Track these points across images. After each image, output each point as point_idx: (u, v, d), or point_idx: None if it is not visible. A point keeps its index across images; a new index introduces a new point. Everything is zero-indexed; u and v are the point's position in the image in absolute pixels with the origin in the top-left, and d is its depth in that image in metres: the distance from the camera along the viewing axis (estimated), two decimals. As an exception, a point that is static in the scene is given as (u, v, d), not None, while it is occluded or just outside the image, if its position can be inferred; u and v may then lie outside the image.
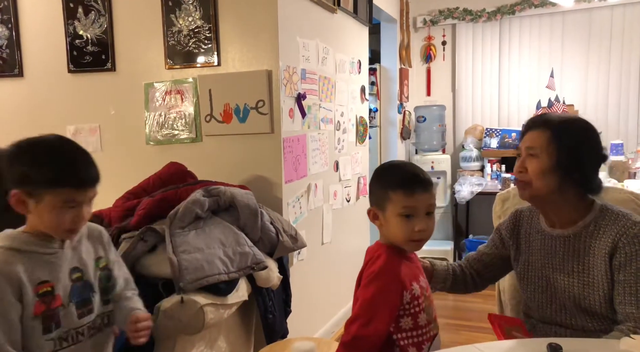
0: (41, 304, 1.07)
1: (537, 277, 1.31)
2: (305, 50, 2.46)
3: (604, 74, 4.00)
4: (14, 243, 1.08)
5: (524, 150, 1.27)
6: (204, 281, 1.58)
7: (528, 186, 1.25)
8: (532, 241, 1.35)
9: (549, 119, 1.27)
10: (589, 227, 1.23)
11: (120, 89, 2.50)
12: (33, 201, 1.07)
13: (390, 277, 1.07)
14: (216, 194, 1.89)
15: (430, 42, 4.54)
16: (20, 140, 1.15)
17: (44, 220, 1.08)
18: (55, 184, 1.07)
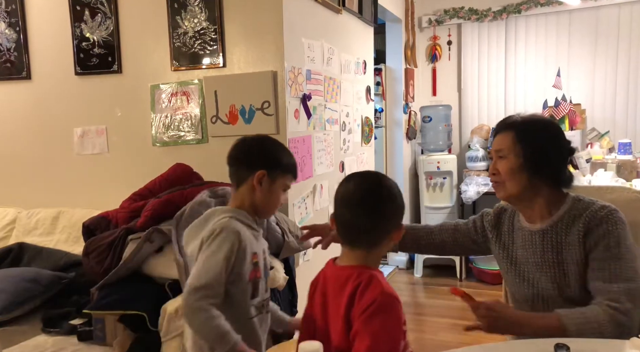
0: (253, 271, 1.26)
1: (523, 273, 1.35)
2: (310, 51, 2.46)
3: (612, 73, 3.96)
4: (239, 215, 1.28)
5: (494, 153, 1.34)
6: (210, 281, 1.58)
7: (502, 187, 1.31)
8: (516, 238, 1.38)
9: (513, 121, 1.34)
10: (563, 219, 1.28)
11: (126, 90, 2.51)
12: (269, 180, 1.29)
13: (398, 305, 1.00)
14: (222, 194, 1.89)
15: (436, 41, 4.52)
16: (252, 136, 1.40)
17: (271, 197, 1.30)
18: (288, 170, 1.32)
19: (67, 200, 2.58)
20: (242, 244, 1.22)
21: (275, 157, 1.33)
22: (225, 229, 1.22)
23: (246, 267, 1.24)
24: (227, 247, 1.19)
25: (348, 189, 1.08)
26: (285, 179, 1.33)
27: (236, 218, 1.26)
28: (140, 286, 1.69)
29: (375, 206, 1.04)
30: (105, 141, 2.57)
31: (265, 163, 1.30)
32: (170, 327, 1.51)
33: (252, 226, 1.29)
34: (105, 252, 1.77)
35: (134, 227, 1.83)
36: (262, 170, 1.28)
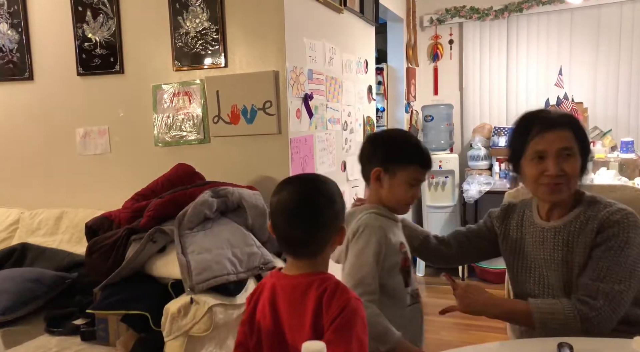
0: (403, 260, 1.25)
1: (531, 269, 1.35)
2: (311, 51, 2.46)
3: (614, 71, 3.95)
4: (380, 211, 1.26)
5: (557, 151, 1.23)
6: (212, 281, 1.59)
7: (566, 188, 1.25)
8: (525, 234, 1.38)
9: (559, 117, 1.28)
10: (579, 218, 1.27)
11: (128, 91, 2.52)
12: (387, 176, 1.25)
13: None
14: (224, 194, 1.89)
15: (437, 41, 4.52)
16: (377, 132, 1.38)
17: (395, 193, 1.26)
18: (408, 161, 1.24)
19: (70, 200, 2.59)
20: (388, 236, 1.22)
21: (389, 151, 1.27)
22: (368, 226, 1.22)
23: (397, 256, 1.23)
24: (374, 243, 1.19)
25: (282, 198, 0.97)
26: (408, 172, 1.24)
27: (376, 213, 1.25)
28: (143, 286, 1.70)
29: (312, 216, 0.96)
30: (107, 142, 2.57)
31: (379, 159, 1.27)
32: (172, 327, 1.52)
33: (392, 217, 1.29)
34: (108, 253, 1.78)
35: (136, 227, 1.83)
36: (377, 167, 1.26)
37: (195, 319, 1.52)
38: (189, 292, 1.56)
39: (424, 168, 1.27)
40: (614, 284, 1.16)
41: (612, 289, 1.16)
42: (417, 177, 1.26)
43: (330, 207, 0.98)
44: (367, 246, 1.19)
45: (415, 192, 1.27)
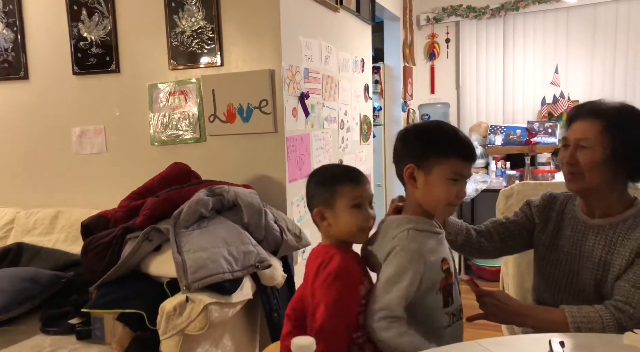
0: (444, 279, 1.12)
1: (561, 261, 1.30)
2: (307, 50, 2.46)
3: (610, 70, 3.97)
4: (417, 224, 1.12)
5: (573, 141, 1.22)
6: (208, 279, 1.59)
7: (580, 179, 1.22)
8: (564, 226, 1.33)
9: (601, 108, 1.22)
10: (627, 221, 1.22)
11: (124, 90, 2.51)
12: (422, 173, 1.11)
13: (349, 274, 1.12)
14: (220, 193, 1.89)
15: (434, 39, 4.53)
16: (409, 125, 1.23)
17: (433, 192, 1.10)
18: (444, 154, 1.09)
19: (66, 200, 2.59)
20: (428, 262, 1.08)
21: (421, 144, 1.12)
22: (404, 249, 1.08)
23: (436, 275, 1.10)
24: (410, 276, 1.06)
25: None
26: (447, 167, 1.09)
27: (414, 229, 1.11)
28: (139, 285, 1.70)
29: (306, 187, 1.22)
30: (103, 141, 2.57)
31: (411, 155, 1.12)
32: (168, 325, 1.52)
33: (433, 230, 1.14)
34: (104, 251, 1.78)
35: (132, 226, 1.83)
36: (409, 163, 1.12)
37: (190, 317, 1.52)
38: (184, 290, 1.56)
39: (466, 160, 1.10)
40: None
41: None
42: (458, 171, 1.09)
43: (309, 184, 1.21)
44: (401, 275, 1.06)
45: (460, 190, 1.10)
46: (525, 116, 4.20)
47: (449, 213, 1.16)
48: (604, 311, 1.14)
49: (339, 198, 1.15)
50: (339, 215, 1.15)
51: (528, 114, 4.20)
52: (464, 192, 1.11)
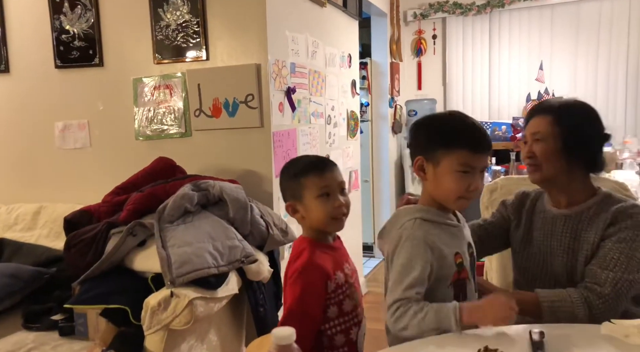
0: (457, 273, 1.09)
1: (535, 253, 1.36)
2: (294, 44, 2.45)
3: (593, 67, 4.02)
4: (427, 214, 1.10)
5: (530, 136, 1.32)
6: (193, 274, 1.58)
7: (538, 170, 1.30)
8: (535, 220, 1.39)
9: (550, 105, 1.33)
10: (591, 209, 1.29)
11: (108, 84, 2.48)
12: (431, 165, 1.09)
13: (314, 271, 1.12)
14: (205, 188, 1.88)
15: (421, 35, 4.54)
16: (422, 117, 1.20)
17: (442, 185, 1.08)
18: (451, 144, 1.06)
19: (49, 195, 2.55)
20: (436, 252, 1.06)
21: (429, 134, 1.10)
22: (409, 238, 1.06)
23: (448, 269, 1.08)
24: (421, 263, 1.03)
25: None
26: (455, 158, 1.05)
27: (422, 218, 1.09)
28: (123, 280, 1.68)
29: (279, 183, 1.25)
30: (87, 135, 2.53)
31: (419, 146, 1.11)
32: (152, 320, 1.51)
33: (446, 222, 1.11)
34: (88, 247, 1.76)
35: (116, 221, 1.81)
36: (418, 156, 1.10)
37: (175, 312, 1.51)
38: (169, 285, 1.55)
39: (475, 151, 1.05)
40: (623, 273, 1.17)
41: (621, 278, 1.17)
42: (468, 162, 1.05)
43: (281, 176, 1.24)
44: (411, 265, 1.03)
45: (472, 182, 1.06)
46: (511, 112, 4.24)
47: (462, 206, 1.11)
48: (572, 290, 1.19)
49: (305, 190, 1.16)
50: (308, 207, 1.16)
51: (513, 110, 4.25)
52: (477, 184, 1.07)
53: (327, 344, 1.16)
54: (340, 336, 1.15)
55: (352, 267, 1.24)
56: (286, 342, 0.57)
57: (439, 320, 0.98)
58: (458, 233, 1.13)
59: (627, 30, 3.88)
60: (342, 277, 1.17)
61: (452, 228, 1.12)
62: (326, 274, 1.13)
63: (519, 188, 1.52)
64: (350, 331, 1.17)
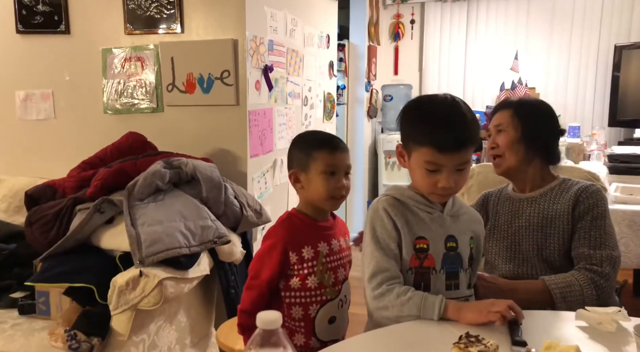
0: (416, 258, 1.07)
1: (503, 237, 1.42)
2: (273, 21, 2.38)
3: (565, 59, 4.10)
4: (401, 196, 1.11)
5: (493, 128, 1.44)
6: (163, 254, 1.53)
7: (502, 160, 1.41)
8: (500, 208, 1.47)
9: (510, 101, 1.48)
10: (554, 189, 1.39)
11: (75, 53, 2.35)
12: (406, 155, 1.10)
13: (276, 239, 1.17)
14: (178, 165, 1.82)
15: (399, 20, 4.52)
16: (413, 99, 1.16)
17: (414, 176, 1.10)
18: (421, 141, 1.04)
19: (8, 168, 2.42)
20: (396, 224, 1.06)
21: (406, 125, 1.09)
22: (372, 209, 1.11)
23: (405, 250, 1.06)
24: (370, 229, 1.08)
25: None
26: (421, 155, 1.03)
27: (394, 197, 1.11)
28: (89, 258, 1.61)
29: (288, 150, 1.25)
30: (51, 106, 2.41)
31: (401, 133, 1.11)
32: (120, 300, 1.46)
33: (417, 205, 1.09)
34: (51, 223, 1.67)
35: (82, 196, 1.73)
36: (400, 142, 1.11)
37: (144, 292, 1.46)
38: (138, 265, 1.50)
39: (442, 151, 1.01)
40: (611, 250, 1.27)
41: (612, 255, 1.26)
42: (435, 161, 1.02)
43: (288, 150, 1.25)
44: (374, 234, 1.07)
45: (441, 180, 1.03)
46: (485, 101, 4.29)
47: (436, 200, 1.10)
48: (577, 274, 1.24)
49: (313, 162, 1.16)
50: (311, 179, 1.17)
51: (487, 99, 4.30)
52: (445, 183, 1.03)
53: (286, 312, 1.19)
54: (298, 309, 1.18)
55: (341, 249, 1.24)
56: (272, 327, 0.54)
57: (423, 307, 0.98)
58: (434, 221, 1.09)
59: (599, 26, 3.96)
60: (312, 254, 1.17)
61: (425, 214, 1.09)
62: (288, 244, 1.16)
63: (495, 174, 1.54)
64: (310, 307, 1.19)
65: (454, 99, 1.08)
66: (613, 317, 0.95)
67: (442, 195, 1.08)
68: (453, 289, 1.09)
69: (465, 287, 1.12)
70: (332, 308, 1.21)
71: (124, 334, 1.48)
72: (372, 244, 1.07)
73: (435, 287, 1.07)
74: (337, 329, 1.23)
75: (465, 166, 1.05)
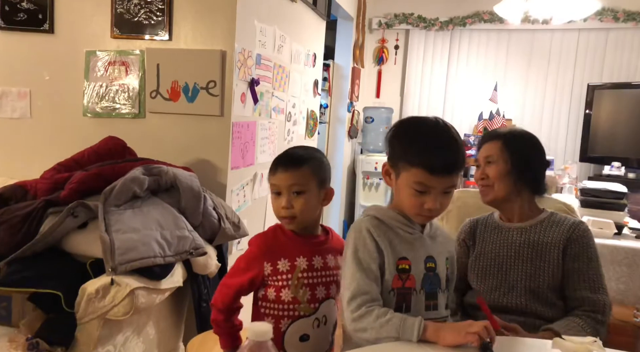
0: (398, 279, 1.07)
1: (490, 265, 1.42)
2: (262, 35, 2.40)
3: (541, 94, 4.25)
4: (383, 216, 1.10)
5: (483, 159, 1.45)
6: (137, 262, 1.49)
7: (491, 190, 1.42)
8: (487, 237, 1.47)
9: (499, 132, 1.50)
10: (543, 222, 1.41)
11: (57, 53, 2.30)
12: (394, 174, 1.10)
13: (255, 246, 1.21)
14: (157, 173, 1.78)
15: (384, 44, 4.61)
16: (405, 118, 1.17)
17: (400, 196, 1.09)
18: (411, 161, 1.05)
19: (-23, 166, 2.33)
20: (378, 245, 1.06)
21: (396, 144, 1.09)
22: (354, 229, 1.10)
23: (388, 271, 1.06)
24: (352, 248, 1.07)
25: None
26: (410, 175, 1.04)
27: (375, 217, 1.10)
28: (57, 263, 1.55)
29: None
30: (27, 105, 2.34)
31: (389, 151, 1.11)
32: (88, 308, 1.40)
33: (400, 226, 1.10)
34: (20, 224, 1.60)
35: (55, 199, 1.67)
36: (387, 161, 1.12)
37: (114, 301, 1.41)
38: (109, 272, 1.45)
39: (432, 173, 1.02)
40: (605, 295, 1.31)
41: (607, 301, 1.30)
42: (424, 182, 1.03)
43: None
44: (348, 254, 1.08)
45: (428, 201, 1.04)
46: (463, 129, 4.39)
47: (421, 221, 1.11)
48: (583, 323, 1.26)
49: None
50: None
51: (465, 127, 4.40)
52: (432, 204, 1.04)
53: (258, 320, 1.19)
54: (270, 320, 1.19)
55: (325, 266, 1.22)
56: (262, 339, 0.52)
57: (402, 329, 0.98)
58: (415, 242, 1.11)
59: (574, 65, 4.13)
60: (288, 267, 1.17)
61: (407, 235, 1.10)
62: (264, 255, 1.18)
63: (475, 200, 1.57)
64: (281, 321, 1.18)
65: (445, 123, 1.10)
66: (588, 347, 0.97)
67: (427, 216, 1.09)
68: (432, 309, 1.10)
69: (444, 307, 1.13)
70: (305, 325, 1.18)
71: (90, 344, 1.42)
72: (354, 265, 1.06)
73: (416, 308, 1.07)
74: (312, 348, 1.20)
75: (451, 190, 1.07)
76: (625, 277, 2.00)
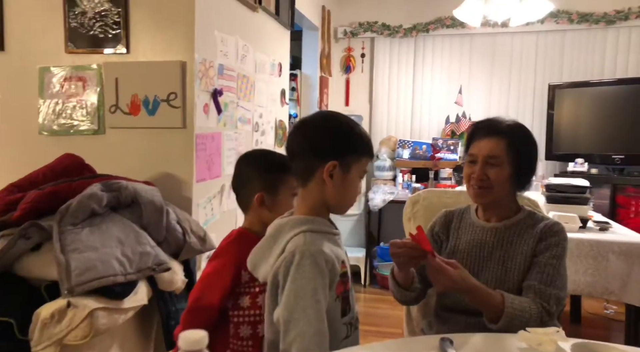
0: (340, 284, 1.04)
1: (463, 263, 1.33)
2: (223, 46, 2.37)
3: (505, 95, 4.33)
4: (313, 226, 1.04)
5: (483, 158, 1.33)
6: (95, 282, 1.42)
7: (489, 193, 1.33)
8: (461, 234, 1.43)
9: (501, 128, 1.35)
10: (520, 222, 1.37)
11: (9, 70, 2.23)
12: (341, 171, 1.05)
13: (226, 258, 1.18)
14: (117, 188, 1.72)
15: (350, 53, 4.64)
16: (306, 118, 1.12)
17: (349, 191, 1.07)
18: (360, 151, 1.07)
19: None
20: (330, 265, 0.99)
21: (343, 140, 1.06)
22: (305, 254, 0.96)
23: (335, 281, 1.02)
24: (320, 281, 0.96)
25: None
26: (360, 165, 1.08)
27: (312, 231, 1.02)
28: (9, 288, 1.46)
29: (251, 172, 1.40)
30: (-21, 126, 2.24)
31: (334, 151, 1.04)
32: (43, 334, 1.32)
33: (330, 231, 1.07)
34: (-33, 249, 1.52)
35: (7, 220, 1.59)
36: (332, 160, 1.03)
37: (71, 325, 1.34)
38: (65, 294, 1.38)
39: (371, 158, 1.12)
40: (559, 290, 1.26)
41: (559, 296, 1.26)
42: (366, 169, 1.11)
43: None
44: (310, 283, 0.95)
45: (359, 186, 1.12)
46: (431, 133, 4.43)
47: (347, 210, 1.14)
48: (532, 303, 1.22)
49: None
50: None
51: (433, 131, 4.44)
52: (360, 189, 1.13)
53: (233, 332, 1.18)
54: (247, 328, 1.17)
55: None
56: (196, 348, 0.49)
57: None
58: (339, 241, 1.09)
59: (534, 64, 4.23)
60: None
61: (334, 236, 1.08)
62: (240, 263, 1.14)
63: (440, 200, 1.56)
64: (259, 325, 1.17)
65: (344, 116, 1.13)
66: (552, 337, 0.96)
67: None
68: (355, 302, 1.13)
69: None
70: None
71: (47, 372, 1.34)
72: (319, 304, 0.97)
73: (352, 307, 1.09)
74: None
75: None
76: (592, 269, 2.02)
